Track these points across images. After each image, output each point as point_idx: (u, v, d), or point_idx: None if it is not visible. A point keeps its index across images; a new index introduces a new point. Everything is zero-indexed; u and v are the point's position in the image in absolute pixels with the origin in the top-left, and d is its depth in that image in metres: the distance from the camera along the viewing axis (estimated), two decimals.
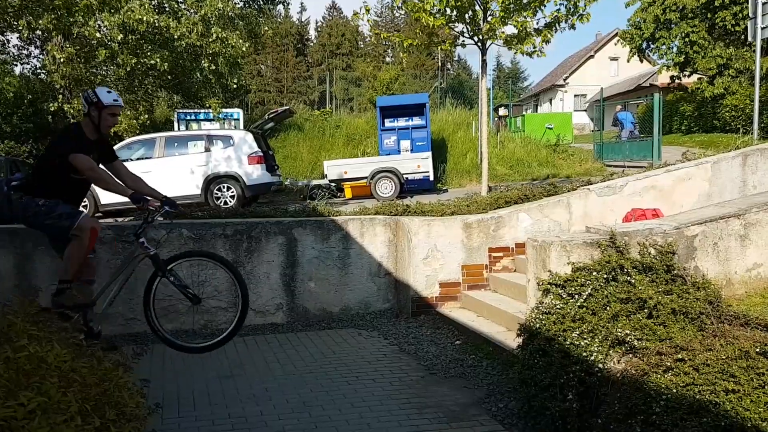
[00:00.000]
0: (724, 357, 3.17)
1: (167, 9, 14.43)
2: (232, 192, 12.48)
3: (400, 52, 9.58)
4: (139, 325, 6.63)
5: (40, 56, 16.30)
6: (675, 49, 23.23)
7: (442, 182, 18.15)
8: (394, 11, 72.96)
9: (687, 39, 22.08)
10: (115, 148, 12.87)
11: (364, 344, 6.03)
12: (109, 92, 4.75)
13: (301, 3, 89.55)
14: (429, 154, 16.21)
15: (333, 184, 16.02)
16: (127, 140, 13.02)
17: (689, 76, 23.97)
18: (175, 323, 6.32)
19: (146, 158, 12.60)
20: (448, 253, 6.74)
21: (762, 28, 10.49)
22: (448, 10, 8.70)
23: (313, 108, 38.80)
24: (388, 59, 70.10)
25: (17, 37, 15.26)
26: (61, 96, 14.19)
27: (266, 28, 18.24)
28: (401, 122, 18.53)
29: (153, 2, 14.62)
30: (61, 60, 12.97)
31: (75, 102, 13.81)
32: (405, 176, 15.44)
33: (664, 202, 6.35)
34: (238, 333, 5.23)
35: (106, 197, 12.31)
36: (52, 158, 4.71)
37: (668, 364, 3.30)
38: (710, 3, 21.09)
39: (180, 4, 14.52)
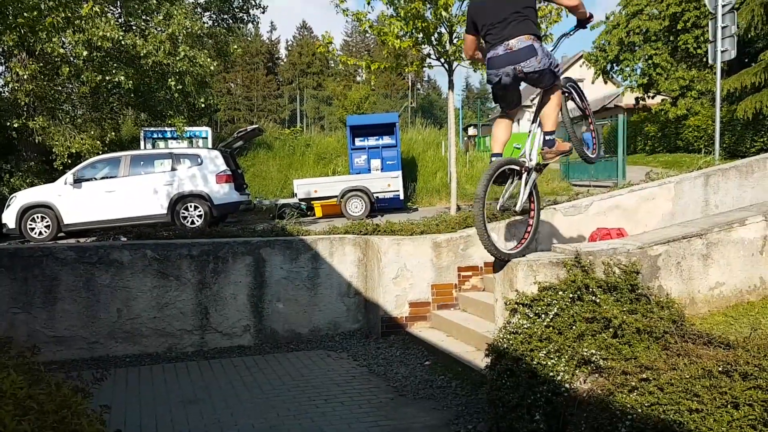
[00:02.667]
0: (687, 376, 3.20)
1: (134, 27, 14.31)
2: (200, 211, 12.32)
3: (369, 75, 9.66)
4: (101, 349, 6.49)
5: (4, 73, 15.98)
6: (639, 71, 23.82)
7: (413, 201, 18.21)
8: (365, 33, 73.48)
9: (650, 61, 22.67)
10: (78, 167, 12.71)
11: (333, 366, 5.97)
12: None
13: (271, 22, 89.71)
14: (399, 173, 16.26)
15: (303, 203, 15.94)
16: (91, 159, 12.77)
17: (653, 97, 24.56)
18: None
19: (111, 177, 12.38)
20: (418, 273, 6.73)
21: (722, 52, 10.80)
22: (414, 33, 8.79)
23: (284, 126, 38.77)
24: (359, 78, 70.48)
25: None
26: (24, 113, 13.90)
27: (235, 47, 18.17)
28: (371, 141, 18.58)
29: (119, 20, 14.48)
30: (24, 77, 12.74)
31: (39, 119, 13.54)
32: (375, 195, 15.45)
33: (629, 221, 6.44)
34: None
35: (70, 217, 12.05)
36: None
37: (633, 383, 3.32)
38: (672, 26, 21.72)
39: (147, 23, 14.40)
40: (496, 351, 4.05)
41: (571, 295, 4.02)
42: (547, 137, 4.80)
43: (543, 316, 3.98)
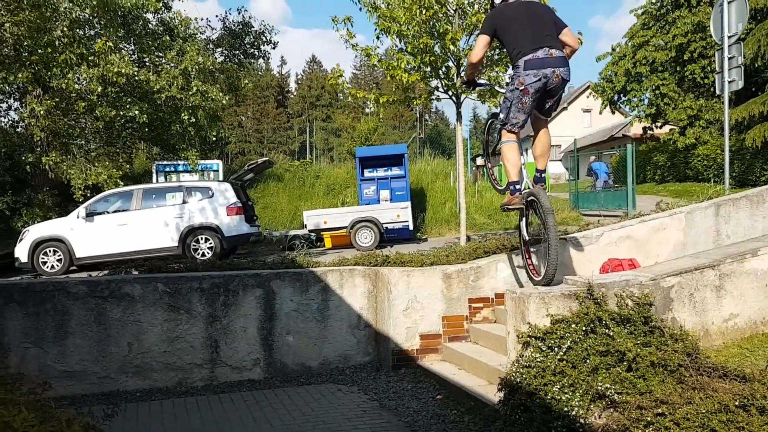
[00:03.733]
0: (704, 411, 3.16)
1: (147, 63, 14.59)
2: (210, 243, 12.38)
3: (377, 108, 9.74)
4: (112, 384, 6.47)
5: (20, 109, 16.27)
6: (646, 101, 23.88)
7: (422, 231, 18.21)
8: (373, 67, 74.30)
9: (657, 91, 22.73)
10: (91, 201, 12.83)
11: (343, 400, 5.92)
12: None
13: (281, 56, 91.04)
14: (408, 203, 16.29)
15: (312, 234, 15.98)
16: (104, 193, 12.92)
17: (661, 127, 24.57)
18: None
19: (123, 211, 12.50)
20: (428, 304, 6.69)
21: (729, 82, 10.83)
22: (423, 66, 8.89)
23: (294, 158, 39.06)
24: (367, 110, 71.13)
25: None
26: (38, 148, 14.12)
27: (246, 81, 18.46)
28: (380, 172, 18.69)
29: (133, 56, 14.77)
30: (40, 113, 12.96)
31: (52, 154, 13.74)
32: (385, 225, 15.47)
33: (640, 251, 6.40)
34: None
35: (82, 250, 12.13)
36: None
37: (649, 418, 3.27)
38: (679, 57, 21.83)
39: (160, 59, 14.68)
40: (509, 385, 4.01)
41: (584, 328, 3.99)
42: (543, 175, 5.21)
43: (556, 349, 3.95)
